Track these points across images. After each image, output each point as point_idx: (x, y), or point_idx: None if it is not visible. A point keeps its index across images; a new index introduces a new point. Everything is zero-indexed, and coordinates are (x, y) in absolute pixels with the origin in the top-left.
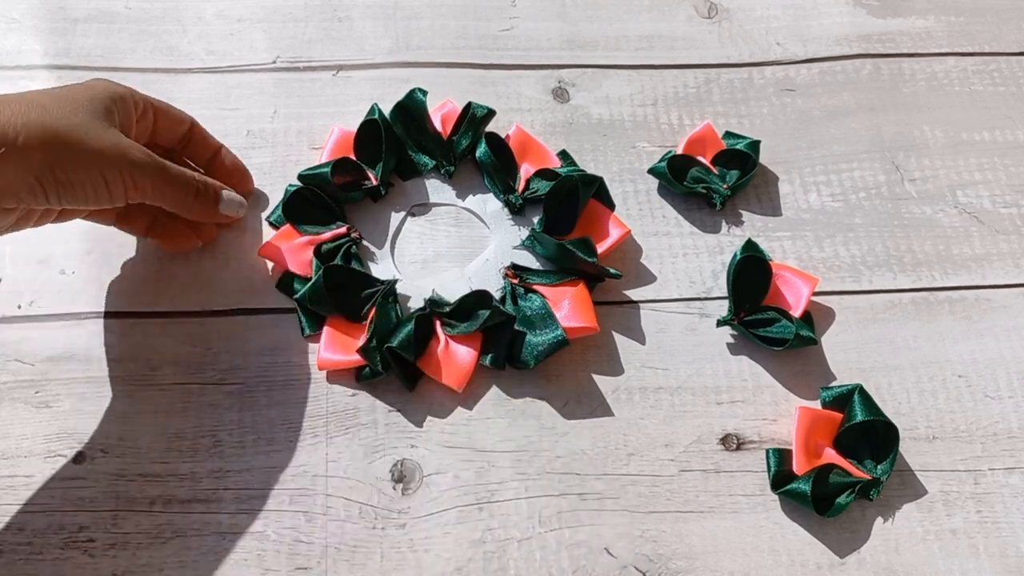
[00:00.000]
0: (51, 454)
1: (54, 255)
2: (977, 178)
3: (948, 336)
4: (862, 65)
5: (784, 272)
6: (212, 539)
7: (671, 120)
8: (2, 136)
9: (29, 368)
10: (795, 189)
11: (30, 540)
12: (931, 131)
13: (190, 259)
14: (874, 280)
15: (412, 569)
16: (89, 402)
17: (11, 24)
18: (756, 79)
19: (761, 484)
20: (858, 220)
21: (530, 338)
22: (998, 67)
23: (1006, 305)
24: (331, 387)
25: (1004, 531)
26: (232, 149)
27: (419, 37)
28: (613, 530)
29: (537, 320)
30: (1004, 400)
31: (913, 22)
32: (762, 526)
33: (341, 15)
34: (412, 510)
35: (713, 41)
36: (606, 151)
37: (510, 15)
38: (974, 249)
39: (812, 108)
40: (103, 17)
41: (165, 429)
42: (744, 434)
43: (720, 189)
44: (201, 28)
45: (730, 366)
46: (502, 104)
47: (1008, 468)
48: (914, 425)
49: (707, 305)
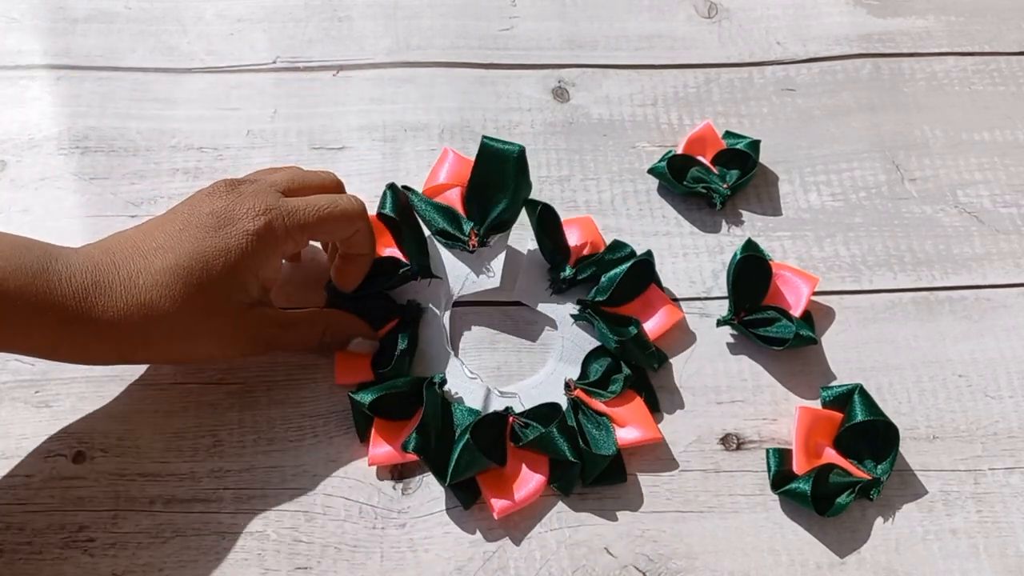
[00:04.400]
0: (51, 454)
1: None
2: (977, 178)
3: (948, 336)
4: (862, 65)
5: (784, 272)
6: (212, 539)
7: (671, 120)
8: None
9: (29, 368)
10: (795, 189)
11: (30, 540)
12: (931, 131)
13: None
14: (874, 280)
15: (412, 569)
16: (89, 402)
17: (11, 24)
18: (756, 79)
19: (761, 484)
20: (858, 220)
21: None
22: (998, 67)
23: (1006, 305)
24: (331, 387)
25: (1004, 531)
26: (232, 149)
27: (419, 37)
28: (613, 530)
29: (600, 440)
30: (1004, 400)
31: (913, 22)
32: (762, 526)
33: (341, 15)
34: (412, 510)
35: (713, 41)
36: (606, 151)
37: (510, 15)
38: (974, 249)
39: (812, 108)
40: (103, 17)
41: (165, 429)
42: (744, 434)
43: (720, 189)
44: (201, 28)
45: (730, 366)
46: (502, 104)
47: (1008, 468)
48: (914, 425)
49: (707, 305)
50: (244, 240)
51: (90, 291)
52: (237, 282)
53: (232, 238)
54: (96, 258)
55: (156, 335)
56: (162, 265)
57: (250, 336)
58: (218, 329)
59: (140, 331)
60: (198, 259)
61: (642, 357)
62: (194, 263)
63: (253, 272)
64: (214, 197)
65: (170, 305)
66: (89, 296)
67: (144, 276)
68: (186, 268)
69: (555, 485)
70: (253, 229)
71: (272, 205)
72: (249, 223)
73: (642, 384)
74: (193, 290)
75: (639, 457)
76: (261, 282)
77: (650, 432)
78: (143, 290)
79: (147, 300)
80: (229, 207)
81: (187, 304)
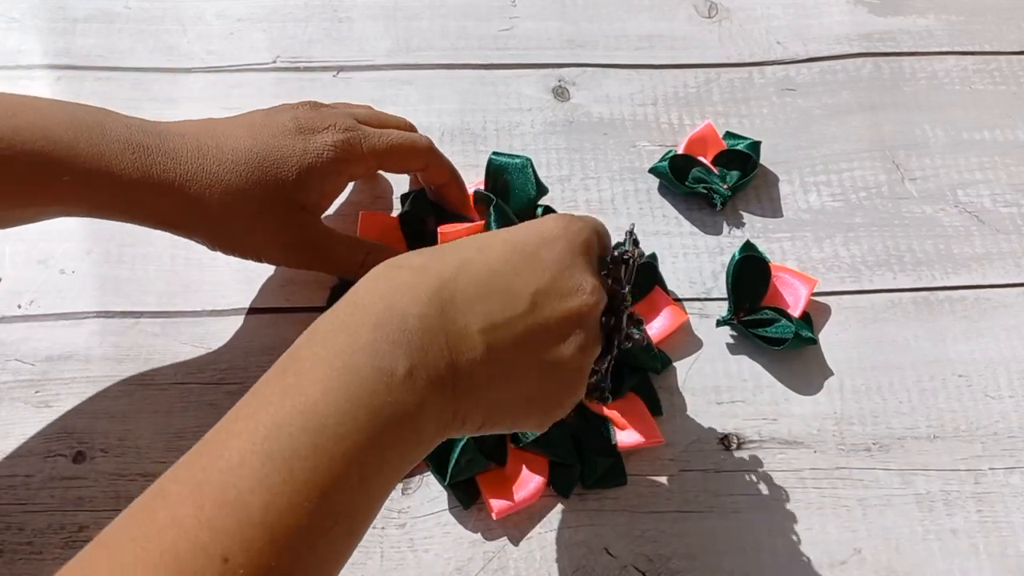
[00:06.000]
0: (51, 454)
1: (54, 255)
2: (978, 177)
3: (949, 336)
4: (863, 64)
5: (783, 274)
6: None
7: (671, 120)
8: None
9: (29, 368)
10: (795, 189)
11: (30, 540)
12: (932, 130)
13: (190, 259)
14: (874, 280)
15: (412, 569)
16: (89, 402)
17: (11, 24)
18: (756, 79)
19: (761, 484)
20: (858, 220)
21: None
22: (999, 66)
23: (1006, 304)
24: None
25: (1004, 531)
26: None
27: (419, 38)
28: (613, 530)
29: (601, 443)
30: (1004, 399)
31: (914, 21)
32: (762, 526)
33: (341, 15)
34: (412, 510)
35: (713, 41)
36: (606, 150)
37: (510, 15)
38: (975, 249)
39: (812, 107)
40: (103, 17)
41: (165, 429)
42: (744, 434)
43: (721, 189)
44: (201, 28)
45: (730, 366)
46: (502, 104)
47: (1008, 467)
48: (914, 424)
49: (707, 305)
50: (322, 148)
51: (153, 152)
52: (303, 185)
53: (311, 143)
54: (168, 128)
55: (214, 206)
56: (235, 146)
57: (299, 238)
58: (273, 221)
59: (203, 205)
60: (273, 151)
61: (646, 359)
62: (268, 153)
63: (320, 181)
64: (298, 109)
65: (234, 179)
66: (152, 155)
67: (215, 152)
68: (259, 155)
69: (555, 487)
70: (331, 141)
71: (352, 127)
72: (329, 136)
73: (644, 387)
74: (260, 175)
75: (639, 457)
76: (320, 197)
77: (651, 436)
78: (210, 161)
79: (213, 172)
80: (313, 119)
81: (251, 187)
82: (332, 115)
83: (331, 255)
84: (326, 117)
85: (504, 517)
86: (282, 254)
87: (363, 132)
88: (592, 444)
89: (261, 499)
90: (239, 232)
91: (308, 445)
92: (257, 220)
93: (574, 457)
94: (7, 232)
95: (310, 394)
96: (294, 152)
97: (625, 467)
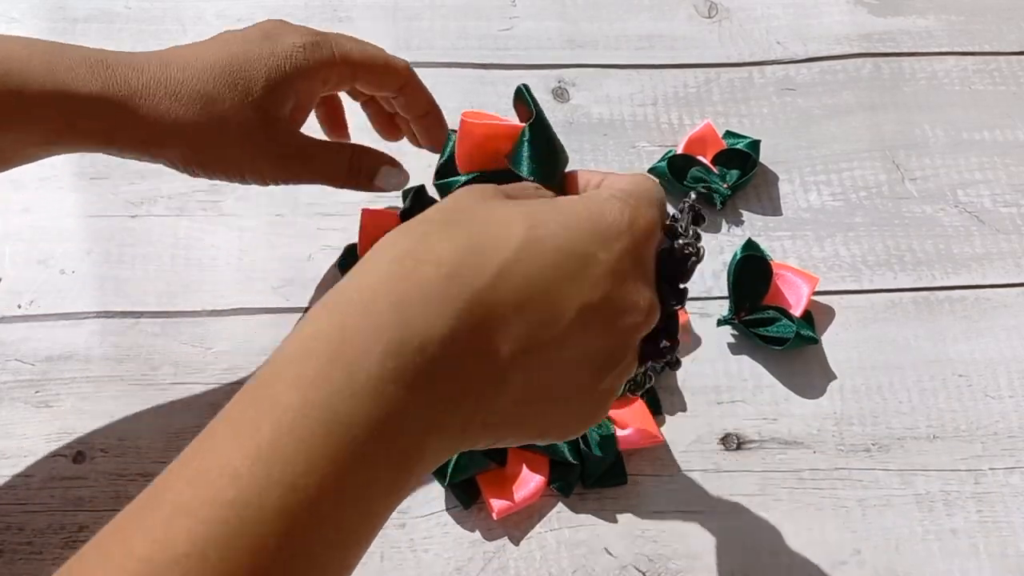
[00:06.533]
0: (51, 454)
1: (54, 255)
2: (978, 177)
3: (949, 335)
4: (862, 64)
5: (784, 272)
6: None
7: (671, 120)
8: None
9: (29, 368)
10: (795, 189)
11: (30, 540)
12: (932, 130)
13: (190, 259)
14: (874, 279)
15: (412, 569)
16: (89, 402)
17: (11, 24)
18: (756, 78)
19: (761, 484)
20: (858, 219)
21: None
22: (998, 66)
23: (1006, 304)
24: None
25: (1004, 531)
26: None
27: (419, 38)
28: (613, 530)
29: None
30: (1004, 399)
31: (914, 21)
32: (762, 526)
33: (341, 15)
34: (412, 510)
35: (713, 40)
36: (606, 151)
37: (510, 15)
38: (975, 248)
39: (812, 107)
40: (103, 17)
41: (165, 429)
42: (744, 434)
43: (720, 189)
44: (201, 28)
45: (730, 366)
46: (502, 104)
47: (1008, 467)
48: (914, 424)
49: (707, 305)
50: (291, 50)
51: (112, 65)
52: (273, 89)
53: (278, 46)
54: (138, 56)
55: (182, 114)
56: (200, 53)
57: (280, 149)
58: (249, 132)
59: (171, 116)
60: (239, 56)
61: None
62: (233, 59)
63: (292, 86)
64: (266, 22)
65: (199, 86)
66: (111, 68)
67: (178, 61)
68: (225, 60)
69: (555, 486)
70: (300, 43)
71: (323, 33)
72: (298, 38)
73: None
74: (228, 79)
75: (639, 457)
76: (294, 107)
77: (651, 435)
78: (174, 68)
79: (177, 78)
80: (279, 26)
81: (219, 92)
82: (302, 26)
83: (314, 162)
84: (296, 26)
85: (504, 517)
86: (261, 166)
87: (334, 37)
88: (592, 444)
89: None
90: (213, 145)
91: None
92: (231, 131)
93: (575, 456)
94: (7, 232)
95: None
96: (261, 55)
97: (625, 467)
